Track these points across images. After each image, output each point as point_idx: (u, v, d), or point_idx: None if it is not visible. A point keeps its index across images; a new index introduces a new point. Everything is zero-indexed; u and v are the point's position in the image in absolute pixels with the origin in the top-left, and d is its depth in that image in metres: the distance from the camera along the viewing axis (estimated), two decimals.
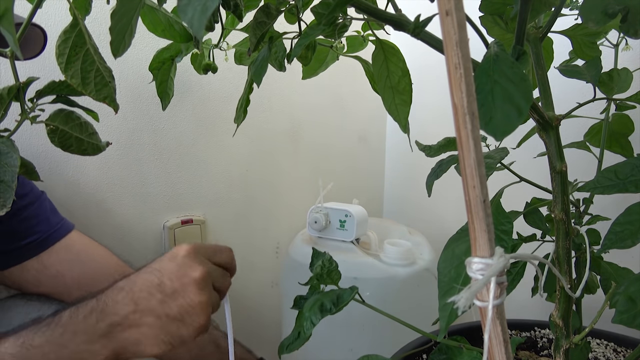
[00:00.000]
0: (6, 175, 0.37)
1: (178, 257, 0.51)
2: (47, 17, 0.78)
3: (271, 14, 0.50)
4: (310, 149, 1.29)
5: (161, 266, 0.50)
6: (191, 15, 0.24)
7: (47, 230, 0.68)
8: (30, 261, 0.66)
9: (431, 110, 1.23)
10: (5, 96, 0.41)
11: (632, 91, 0.57)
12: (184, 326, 0.48)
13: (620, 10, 0.35)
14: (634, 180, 0.40)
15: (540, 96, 0.45)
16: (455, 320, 0.36)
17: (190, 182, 1.03)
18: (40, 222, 0.67)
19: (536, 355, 0.71)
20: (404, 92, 0.59)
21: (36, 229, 0.67)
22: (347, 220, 0.95)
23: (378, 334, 0.89)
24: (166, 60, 0.68)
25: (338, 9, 0.42)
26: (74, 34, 0.40)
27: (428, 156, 0.65)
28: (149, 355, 0.49)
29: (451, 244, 0.41)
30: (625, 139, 0.73)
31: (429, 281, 0.93)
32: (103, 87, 0.43)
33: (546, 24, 0.44)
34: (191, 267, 0.50)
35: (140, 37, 0.89)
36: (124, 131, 0.91)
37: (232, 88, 1.07)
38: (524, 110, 0.29)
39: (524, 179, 0.65)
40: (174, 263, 0.50)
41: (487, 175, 0.33)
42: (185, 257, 0.51)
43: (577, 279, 0.62)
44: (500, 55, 0.32)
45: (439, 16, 0.23)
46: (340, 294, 0.50)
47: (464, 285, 0.36)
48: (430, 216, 1.38)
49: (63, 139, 0.49)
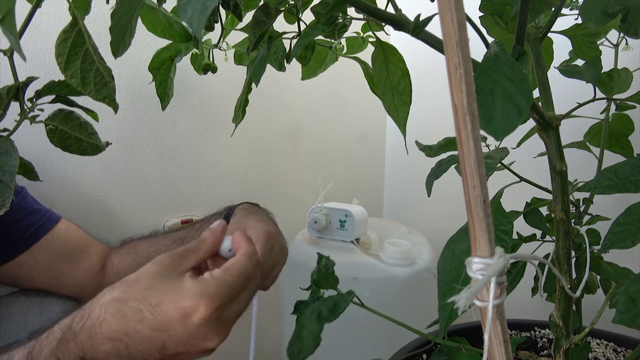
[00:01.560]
0: (5, 175, 0.37)
1: (190, 323, 0.38)
2: (47, 17, 0.78)
3: (270, 13, 0.50)
4: (310, 149, 1.29)
5: (167, 324, 0.38)
6: (190, 14, 0.24)
7: (35, 222, 0.67)
8: (23, 256, 0.65)
9: (431, 110, 1.23)
10: (4, 96, 0.41)
11: (632, 91, 0.57)
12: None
13: (620, 10, 0.35)
14: (634, 180, 0.40)
15: (540, 96, 0.45)
16: (455, 320, 0.36)
17: (190, 182, 1.03)
18: (27, 216, 0.66)
19: (536, 355, 0.71)
20: (404, 93, 0.59)
21: (23, 222, 0.66)
22: (347, 220, 0.95)
23: (378, 334, 0.89)
24: (166, 60, 0.68)
25: (337, 8, 0.42)
26: (74, 33, 0.40)
27: (428, 156, 0.65)
28: None
29: (451, 244, 0.41)
30: (625, 139, 0.73)
31: (429, 281, 0.93)
32: (103, 87, 0.43)
33: (546, 24, 0.44)
34: (206, 338, 0.39)
35: (140, 37, 0.89)
36: (124, 131, 0.91)
37: (232, 88, 1.07)
38: (524, 110, 0.29)
39: (524, 179, 0.65)
40: (184, 329, 0.38)
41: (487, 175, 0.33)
42: (202, 325, 0.38)
43: (577, 279, 0.62)
44: (500, 55, 0.32)
45: (439, 16, 0.23)
46: (337, 300, 0.50)
47: (464, 285, 0.36)
48: (430, 216, 1.38)
49: (63, 139, 0.49)
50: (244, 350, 1.16)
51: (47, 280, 0.68)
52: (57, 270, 0.68)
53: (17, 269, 0.66)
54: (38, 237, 0.66)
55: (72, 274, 0.69)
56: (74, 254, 0.70)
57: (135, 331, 0.38)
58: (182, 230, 0.70)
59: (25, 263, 0.66)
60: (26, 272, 0.66)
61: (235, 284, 0.41)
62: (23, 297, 0.66)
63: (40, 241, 0.67)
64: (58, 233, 0.69)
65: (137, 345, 0.38)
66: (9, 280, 0.67)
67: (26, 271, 0.66)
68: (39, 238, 0.67)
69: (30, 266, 0.66)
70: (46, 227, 0.68)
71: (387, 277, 0.89)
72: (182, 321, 0.38)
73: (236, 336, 0.76)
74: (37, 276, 0.67)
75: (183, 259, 0.42)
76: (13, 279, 0.67)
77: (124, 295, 0.39)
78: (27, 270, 0.66)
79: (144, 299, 0.38)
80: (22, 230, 0.65)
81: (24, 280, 0.67)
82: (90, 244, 0.73)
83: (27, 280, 0.67)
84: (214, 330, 0.39)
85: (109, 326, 0.38)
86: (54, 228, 0.68)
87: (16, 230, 0.65)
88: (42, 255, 0.67)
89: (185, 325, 0.38)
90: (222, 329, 0.40)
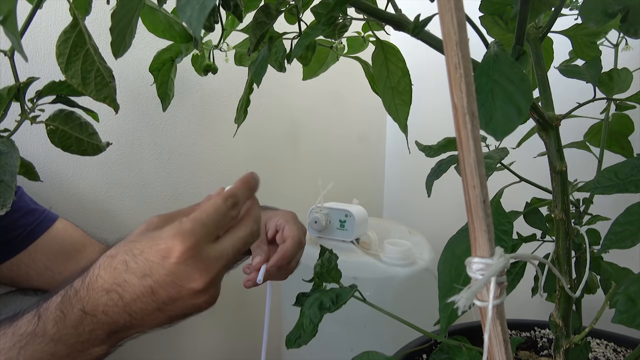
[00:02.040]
0: (6, 175, 0.37)
1: (169, 263, 0.39)
2: (47, 17, 0.78)
3: (271, 14, 0.50)
4: (311, 149, 1.29)
5: (150, 269, 0.39)
6: (189, 14, 0.24)
7: (32, 222, 0.66)
8: (20, 256, 0.65)
9: (431, 110, 1.23)
10: (5, 96, 0.41)
11: (632, 91, 0.57)
12: (190, 315, 0.44)
13: (620, 10, 0.35)
14: (634, 180, 0.40)
15: (540, 96, 0.45)
16: (455, 320, 0.36)
17: (190, 182, 1.03)
18: (23, 215, 0.66)
19: (536, 355, 0.71)
20: (404, 93, 0.59)
21: (20, 222, 0.65)
22: (347, 220, 0.95)
23: (378, 333, 0.89)
24: (166, 61, 0.68)
25: (337, 8, 0.42)
26: (74, 34, 0.40)
27: (428, 156, 0.65)
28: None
29: (451, 244, 0.41)
30: (625, 139, 0.73)
31: (429, 281, 0.93)
32: (103, 87, 0.43)
33: (546, 24, 0.45)
34: (188, 279, 0.40)
35: (141, 37, 0.89)
36: (124, 131, 0.91)
37: (232, 88, 1.07)
38: (524, 110, 0.29)
39: (524, 179, 0.65)
40: (165, 271, 0.39)
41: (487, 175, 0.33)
42: (179, 264, 0.39)
43: (577, 279, 0.62)
44: (500, 55, 0.32)
45: (439, 16, 0.23)
46: (340, 292, 0.51)
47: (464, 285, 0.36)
48: (430, 216, 1.38)
49: (63, 139, 0.49)
50: (256, 346, 1.16)
51: (45, 280, 0.68)
52: (54, 270, 0.68)
53: (14, 268, 0.66)
54: (35, 236, 0.66)
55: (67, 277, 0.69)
56: (72, 253, 0.70)
57: (124, 281, 0.40)
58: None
59: (22, 263, 0.66)
60: (24, 272, 0.66)
61: (209, 220, 0.41)
62: (21, 296, 0.66)
63: (37, 241, 0.66)
64: (55, 233, 0.69)
65: (130, 294, 0.40)
66: (6, 280, 0.67)
67: (24, 271, 0.66)
68: (36, 238, 0.66)
69: (27, 266, 0.66)
70: (43, 227, 0.67)
71: (387, 277, 0.89)
72: (161, 263, 0.39)
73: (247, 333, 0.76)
74: (34, 276, 0.67)
75: (172, 218, 0.43)
76: (11, 279, 0.67)
77: (114, 252, 0.42)
78: (24, 270, 0.66)
79: (129, 251, 0.41)
80: (19, 230, 0.65)
81: (21, 280, 0.67)
82: (88, 243, 0.73)
83: (24, 280, 0.67)
84: (195, 269, 0.39)
85: (102, 279, 0.40)
86: (50, 228, 0.68)
87: (13, 230, 0.65)
88: (39, 255, 0.67)
89: (165, 266, 0.39)
90: (205, 268, 0.40)
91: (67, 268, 0.69)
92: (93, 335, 0.41)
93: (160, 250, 0.39)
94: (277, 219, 0.63)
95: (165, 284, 0.40)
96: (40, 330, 0.40)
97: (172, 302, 0.41)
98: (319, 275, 0.55)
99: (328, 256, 0.56)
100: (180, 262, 0.39)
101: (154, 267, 0.39)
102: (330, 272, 0.55)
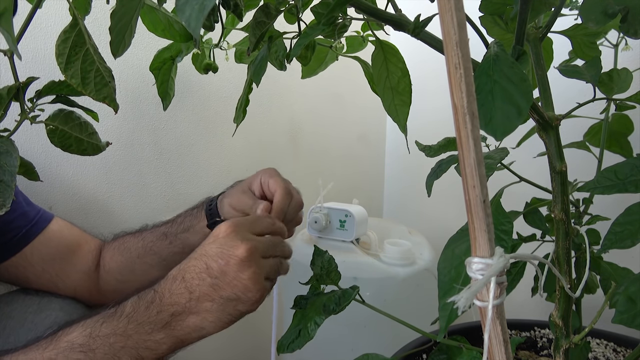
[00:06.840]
0: (6, 175, 0.37)
1: (219, 239, 0.51)
2: (47, 17, 0.78)
3: (271, 13, 0.50)
4: (310, 148, 1.29)
5: (205, 250, 0.51)
6: (189, 13, 0.24)
7: (26, 224, 0.65)
8: (15, 258, 0.64)
9: (431, 110, 1.23)
10: (5, 96, 0.41)
11: (632, 91, 0.57)
12: (241, 303, 0.50)
13: (620, 10, 0.35)
14: (633, 180, 0.40)
15: (540, 96, 0.45)
16: (455, 320, 0.36)
17: (190, 182, 1.03)
18: (17, 218, 0.64)
19: (536, 355, 0.71)
20: (404, 93, 0.59)
21: (13, 224, 0.64)
22: (347, 220, 0.95)
23: (378, 333, 0.89)
24: (167, 60, 0.68)
25: (337, 8, 0.42)
26: (74, 33, 0.40)
27: (428, 156, 0.65)
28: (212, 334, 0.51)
29: (451, 244, 0.41)
30: (625, 139, 0.73)
31: (429, 281, 0.93)
32: (103, 87, 0.43)
33: (546, 24, 0.44)
34: (233, 246, 0.50)
35: (140, 37, 0.89)
36: (124, 131, 0.91)
37: (232, 88, 1.07)
38: (523, 110, 0.29)
39: (524, 179, 0.65)
40: (216, 245, 0.51)
41: (487, 175, 0.33)
42: (226, 237, 0.51)
43: (577, 279, 0.62)
44: (500, 55, 0.32)
45: (439, 16, 0.23)
46: (343, 293, 0.51)
47: (464, 285, 0.36)
48: (430, 216, 1.38)
49: (63, 139, 0.49)
50: (256, 346, 1.16)
51: (44, 282, 0.67)
52: (52, 272, 0.67)
53: (12, 270, 0.65)
54: (29, 239, 0.65)
55: (68, 276, 0.68)
56: (68, 254, 0.69)
57: (187, 266, 0.52)
58: (165, 225, 0.72)
59: (19, 265, 0.65)
60: (22, 274, 0.66)
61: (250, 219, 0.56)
62: (22, 295, 0.66)
63: (32, 243, 0.65)
64: (50, 234, 0.68)
65: (190, 274, 0.51)
66: (7, 280, 0.67)
67: (21, 272, 0.66)
68: (31, 240, 0.65)
69: (24, 268, 0.65)
70: (37, 229, 0.66)
71: (387, 277, 0.89)
72: (214, 242, 0.52)
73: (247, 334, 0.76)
74: (33, 278, 0.66)
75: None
76: (10, 279, 0.67)
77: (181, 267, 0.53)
78: (22, 271, 0.66)
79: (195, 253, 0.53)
80: (13, 232, 0.64)
81: (21, 281, 0.67)
82: (84, 241, 0.72)
83: (23, 281, 0.67)
84: (237, 238, 0.51)
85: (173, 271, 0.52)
86: (45, 229, 0.67)
87: (7, 233, 0.63)
88: (35, 257, 0.66)
89: (215, 242, 0.51)
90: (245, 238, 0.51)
91: (65, 270, 0.68)
92: (159, 317, 0.49)
93: (211, 236, 0.53)
94: (260, 176, 0.67)
95: (216, 255, 0.50)
96: (119, 311, 0.49)
97: (222, 275, 0.49)
98: (318, 277, 0.55)
99: (328, 258, 0.55)
100: (226, 235, 0.51)
101: (208, 247, 0.52)
102: (329, 274, 0.55)
